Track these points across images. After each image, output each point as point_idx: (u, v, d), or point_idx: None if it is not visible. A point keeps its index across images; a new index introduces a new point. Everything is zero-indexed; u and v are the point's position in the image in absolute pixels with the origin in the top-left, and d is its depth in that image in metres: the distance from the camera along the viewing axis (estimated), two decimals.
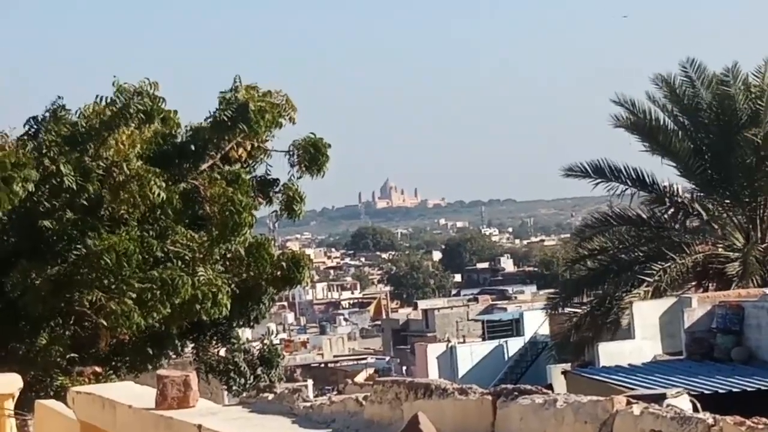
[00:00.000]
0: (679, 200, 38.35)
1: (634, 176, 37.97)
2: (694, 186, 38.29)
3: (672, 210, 38.63)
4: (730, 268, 35.40)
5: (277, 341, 30.26)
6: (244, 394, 20.66)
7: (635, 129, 38.08)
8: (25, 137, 21.21)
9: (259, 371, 22.65)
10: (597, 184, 38.39)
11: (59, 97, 21.44)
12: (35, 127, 21.47)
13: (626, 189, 38.15)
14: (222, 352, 22.85)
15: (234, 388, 22.72)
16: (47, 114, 21.37)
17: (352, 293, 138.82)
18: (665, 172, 38.84)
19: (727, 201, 37.17)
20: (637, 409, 4.43)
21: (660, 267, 35.22)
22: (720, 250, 36.39)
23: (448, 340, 63.96)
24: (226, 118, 20.93)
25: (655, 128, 37.85)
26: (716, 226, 37.29)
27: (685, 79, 37.95)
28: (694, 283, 35.68)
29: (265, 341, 25.12)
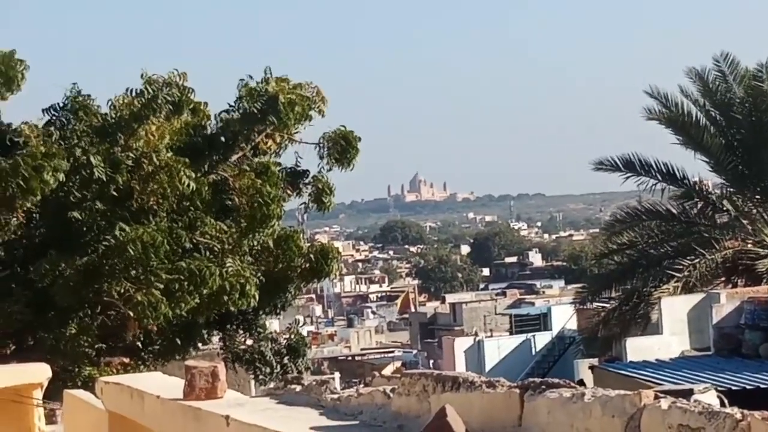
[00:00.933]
0: (710, 195, 38.32)
1: (664, 171, 37.96)
2: (724, 181, 38.26)
3: (702, 205, 38.60)
4: (760, 265, 35.34)
5: (305, 333, 30.29)
6: (272, 384, 20.77)
7: (668, 122, 38.06)
8: (51, 127, 21.24)
9: (285, 360, 22.67)
10: (627, 178, 38.40)
11: (74, 84, 21.53)
12: (56, 115, 21.49)
13: (656, 183, 38.20)
14: (248, 341, 22.88)
15: (260, 377, 22.75)
16: (67, 102, 21.38)
17: (380, 286, 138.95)
18: (696, 167, 38.84)
19: (758, 197, 37.12)
20: (664, 403, 4.42)
21: (689, 262, 35.19)
22: (749, 246, 36.31)
23: (476, 334, 64.02)
24: (256, 110, 20.94)
25: (688, 122, 37.84)
26: (746, 222, 37.22)
27: (718, 73, 37.97)
28: (723, 279, 35.58)
29: (293, 331, 25.13)
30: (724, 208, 38.03)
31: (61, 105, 21.62)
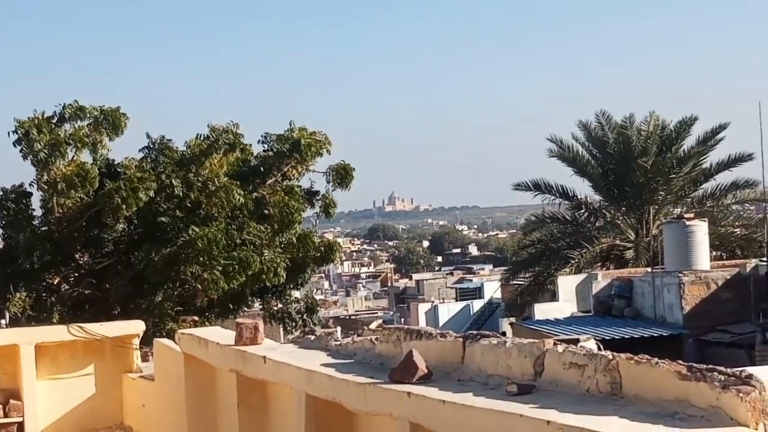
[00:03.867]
0: (592, 207, 38.44)
1: (561, 190, 37.98)
2: (601, 198, 38.31)
3: (586, 214, 38.73)
4: (627, 254, 35.51)
5: (317, 299, 30.24)
6: (295, 334, 20.72)
7: (563, 159, 38.09)
8: (145, 161, 21.33)
9: (305, 317, 22.61)
10: (536, 195, 38.43)
11: (162, 136, 21.73)
12: (148, 153, 21.61)
13: (555, 199, 38.24)
14: (279, 305, 22.80)
15: (288, 329, 22.69)
16: (156, 144, 21.52)
17: (368, 269, 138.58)
18: (582, 188, 38.89)
19: (623, 208, 37.20)
20: (560, 348, 4.43)
21: (578, 253, 35.30)
22: (618, 241, 36.47)
23: (433, 301, 63.91)
24: (285, 150, 20.98)
25: (577, 158, 37.89)
26: (615, 226, 37.36)
27: (597, 124, 38.02)
28: (599, 264, 35.65)
29: (309, 296, 25.07)
30: (601, 216, 38.18)
31: (152, 146, 21.66)
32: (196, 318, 19.90)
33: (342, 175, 21.45)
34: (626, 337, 24.38)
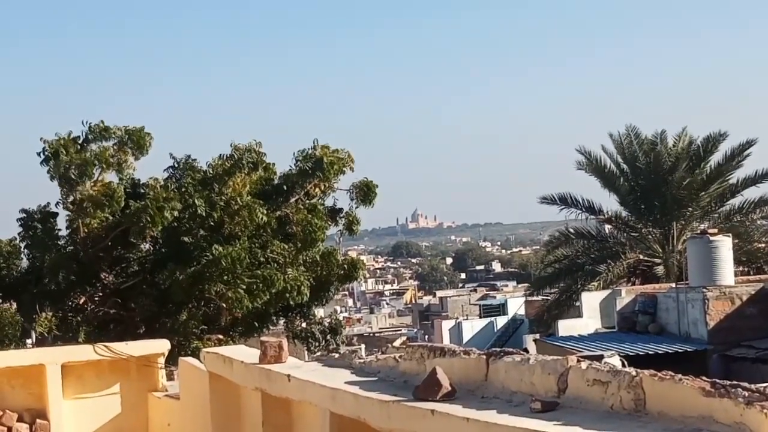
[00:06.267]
0: (619, 222, 38.32)
1: (587, 205, 37.91)
2: (628, 213, 38.18)
3: (612, 229, 38.63)
4: (658, 270, 35.46)
5: (341, 318, 30.22)
6: (318, 353, 20.70)
7: (592, 171, 38.02)
8: (170, 180, 21.41)
9: (328, 337, 22.58)
10: (561, 209, 38.34)
11: (188, 155, 21.81)
12: (173, 172, 21.68)
13: (580, 213, 38.18)
14: (303, 324, 22.80)
15: (311, 348, 22.66)
16: (180, 163, 21.60)
17: (392, 286, 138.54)
18: (607, 202, 38.82)
19: (650, 224, 37.07)
20: (584, 364, 4.43)
21: (604, 268, 35.20)
22: (643, 257, 36.35)
23: (457, 318, 63.78)
24: (307, 168, 20.99)
25: (605, 171, 37.84)
26: (641, 241, 37.23)
27: (627, 138, 37.97)
28: (625, 279, 35.51)
29: (333, 317, 25.06)
30: (628, 231, 38.03)
31: (176, 166, 21.74)
32: (220, 336, 19.91)
33: (365, 192, 21.44)
34: (650, 353, 24.22)
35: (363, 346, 50.04)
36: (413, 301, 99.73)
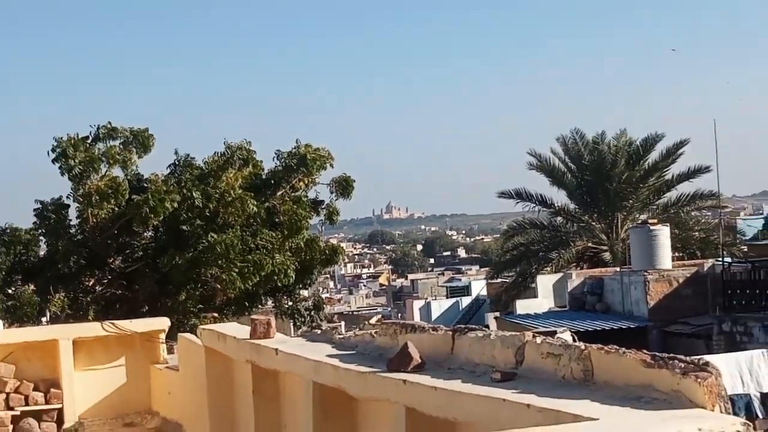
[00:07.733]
0: (567, 214, 38.45)
1: (540, 199, 37.99)
2: (576, 206, 38.33)
3: (563, 220, 38.76)
4: (605, 256, 35.63)
5: (323, 297, 30.11)
6: (303, 329, 20.67)
7: (542, 171, 38.15)
8: (170, 175, 21.29)
9: (312, 313, 22.53)
10: (517, 203, 38.46)
11: (187, 154, 21.68)
12: (173, 169, 21.55)
13: (535, 206, 38.27)
14: (289, 303, 22.73)
15: (297, 324, 22.63)
16: (180, 160, 21.47)
17: (369, 270, 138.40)
18: (558, 196, 38.86)
19: (596, 215, 37.26)
20: (539, 339, 4.45)
21: (556, 254, 35.35)
22: (590, 244, 36.54)
23: (426, 298, 63.80)
24: (292, 164, 20.94)
25: (554, 170, 37.94)
26: (588, 230, 37.40)
27: (572, 140, 38.10)
28: (574, 264, 35.66)
29: (316, 295, 25.00)
30: (576, 221, 38.19)
31: (177, 162, 21.63)
32: (215, 315, 19.85)
33: (344, 186, 21.40)
34: (598, 329, 24.40)
35: (343, 323, 50.00)
36: (388, 284, 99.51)
